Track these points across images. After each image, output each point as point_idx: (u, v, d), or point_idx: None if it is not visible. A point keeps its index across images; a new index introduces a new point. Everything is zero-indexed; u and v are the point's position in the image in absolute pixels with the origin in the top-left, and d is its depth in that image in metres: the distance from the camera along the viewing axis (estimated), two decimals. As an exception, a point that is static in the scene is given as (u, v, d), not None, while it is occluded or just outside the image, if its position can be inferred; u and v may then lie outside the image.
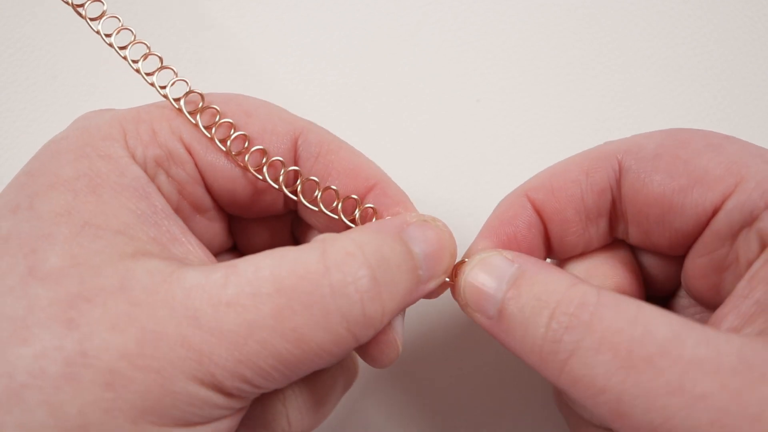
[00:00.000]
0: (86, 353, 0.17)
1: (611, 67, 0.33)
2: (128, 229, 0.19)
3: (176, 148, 0.21)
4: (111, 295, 0.17)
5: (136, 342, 0.17)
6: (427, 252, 0.20)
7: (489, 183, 0.32)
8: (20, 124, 0.32)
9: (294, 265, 0.18)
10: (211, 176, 0.22)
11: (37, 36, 0.33)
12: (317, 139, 0.22)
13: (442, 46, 0.33)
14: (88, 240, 0.18)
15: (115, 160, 0.20)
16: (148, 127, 0.21)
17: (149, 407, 0.17)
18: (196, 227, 0.23)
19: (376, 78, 0.33)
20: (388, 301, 0.19)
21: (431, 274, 0.20)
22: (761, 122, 0.33)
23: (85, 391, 0.16)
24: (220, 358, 0.17)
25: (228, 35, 0.33)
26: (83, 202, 0.19)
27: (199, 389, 0.17)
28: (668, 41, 0.33)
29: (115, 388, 0.17)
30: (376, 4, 0.34)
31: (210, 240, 0.23)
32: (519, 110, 0.33)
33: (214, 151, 0.22)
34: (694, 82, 0.33)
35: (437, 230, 0.21)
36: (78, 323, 0.17)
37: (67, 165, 0.19)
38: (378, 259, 0.19)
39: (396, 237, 0.20)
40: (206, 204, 0.23)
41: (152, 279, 0.18)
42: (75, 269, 0.18)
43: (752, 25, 0.34)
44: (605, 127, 0.33)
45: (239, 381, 0.18)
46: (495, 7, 0.34)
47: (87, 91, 0.33)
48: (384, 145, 0.33)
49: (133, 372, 0.17)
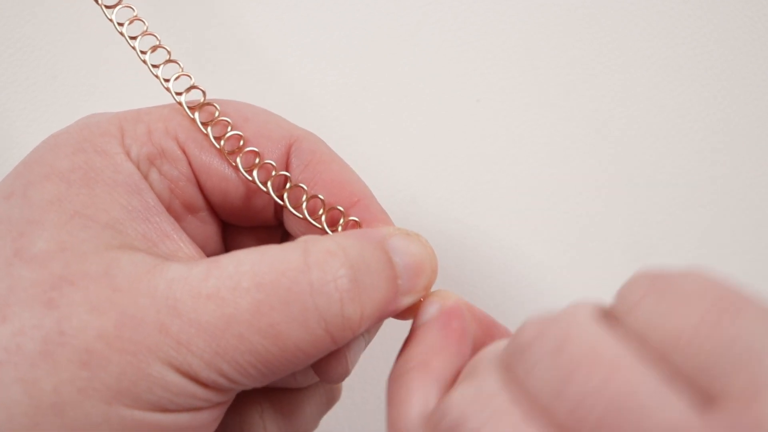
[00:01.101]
0: (64, 332, 0.17)
1: (611, 67, 0.33)
2: (117, 224, 0.19)
3: (170, 146, 0.22)
4: (94, 281, 0.17)
5: (115, 324, 0.17)
6: (408, 263, 0.20)
7: (489, 183, 0.32)
8: (20, 124, 0.32)
9: (275, 262, 0.18)
10: (204, 175, 0.22)
11: (37, 36, 0.33)
12: (310, 148, 0.23)
13: (442, 46, 0.33)
14: (77, 228, 0.18)
15: (110, 156, 0.20)
16: (145, 126, 0.21)
17: (124, 389, 0.17)
18: (188, 227, 0.23)
19: (376, 78, 0.33)
20: (367, 305, 0.19)
21: (410, 286, 0.20)
22: (761, 122, 0.33)
23: (60, 369, 0.17)
24: (197, 348, 0.17)
25: (228, 35, 0.33)
26: (75, 194, 0.19)
27: (175, 376, 0.17)
28: (668, 41, 0.33)
29: (91, 368, 0.17)
30: (376, 4, 0.34)
31: (202, 243, 0.24)
32: (519, 110, 0.33)
33: (209, 152, 0.22)
34: (694, 82, 0.33)
35: (420, 245, 0.21)
36: (58, 303, 0.17)
37: (64, 158, 0.20)
38: (359, 262, 0.19)
39: (378, 245, 0.20)
40: (198, 203, 0.23)
41: (136, 269, 0.18)
42: (61, 254, 0.18)
43: (752, 25, 0.34)
44: (605, 127, 0.33)
45: (216, 374, 0.18)
46: (495, 7, 0.34)
47: (87, 91, 0.33)
48: (384, 145, 0.33)
49: (109, 353, 0.17)
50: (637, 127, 0.33)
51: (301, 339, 0.18)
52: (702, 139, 0.33)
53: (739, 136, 0.33)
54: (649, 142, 0.33)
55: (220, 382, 0.18)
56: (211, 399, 0.18)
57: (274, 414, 0.23)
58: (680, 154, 0.33)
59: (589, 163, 0.33)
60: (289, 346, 0.18)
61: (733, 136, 0.33)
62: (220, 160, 0.22)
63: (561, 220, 0.32)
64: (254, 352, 0.18)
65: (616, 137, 0.33)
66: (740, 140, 0.33)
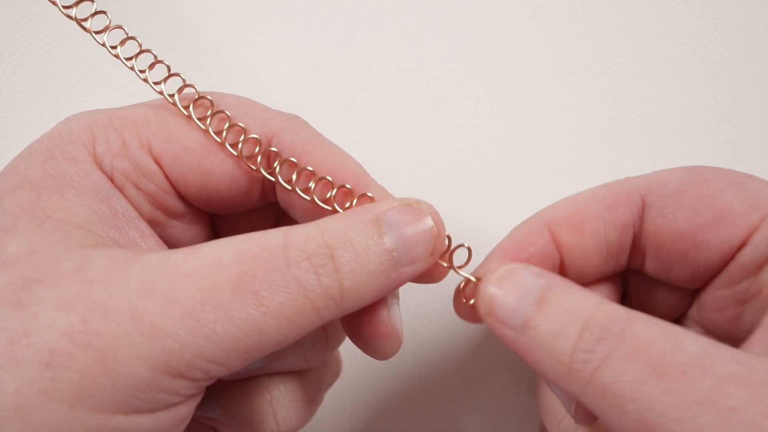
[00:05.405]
0: (29, 332, 0.17)
1: (611, 67, 0.33)
2: (89, 225, 0.19)
3: (145, 162, 0.21)
4: (65, 278, 0.17)
5: (82, 319, 0.17)
6: (402, 236, 0.20)
7: (489, 183, 0.32)
8: (20, 124, 0.32)
9: (257, 241, 0.18)
10: (183, 185, 0.22)
11: (37, 36, 0.33)
12: (290, 140, 0.22)
13: (442, 46, 0.33)
14: (49, 231, 0.18)
15: (80, 163, 0.20)
16: (118, 137, 0.21)
17: (88, 388, 0.17)
18: (175, 232, 0.23)
19: (376, 78, 0.33)
20: (347, 278, 0.19)
21: (410, 257, 0.20)
22: (761, 122, 0.33)
23: (23, 371, 0.16)
24: (172, 328, 0.17)
25: (228, 35, 0.33)
26: (46, 200, 0.19)
27: (144, 368, 0.17)
28: (668, 41, 0.33)
29: (53, 367, 0.16)
30: (375, 4, 0.34)
31: (191, 242, 0.24)
32: (519, 110, 0.33)
33: (183, 162, 0.22)
34: (694, 82, 0.33)
35: (418, 212, 0.20)
36: (26, 303, 0.17)
37: (35, 166, 0.20)
38: (340, 241, 0.19)
39: (367, 221, 0.20)
40: (180, 210, 0.23)
41: (110, 262, 0.18)
42: (32, 256, 0.18)
43: (752, 25, 0.34)
44: (605, 126, 0.33)
45: (191, 355, 0.17)
46: (495, 7, 0.34)
47: (87, 91, 0.33)
48: (384, 144, 0.33)
49: (74, 350, 0.16)
50: (637, 127, 0.33)
51: (283, 303, 0.18)
52: (702, 139, 0.33)
53: (739, 136, 0.33)
54: (649, 142, 0.33)
55: (195, 364, 0.17)
56: (182, 391, 0.18)
57: (283, 400, 0.23)
58: (680, 154, 0.33)
59: (588, 163, 0.33)
60: (272, 310, 0.18)
61: (733, 136, 0.33)
62: (196, 168, 0.22)
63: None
64: (235, 322, 0.17)
65: (616, 137, 0.33)
66: (740, 140, 0.33)
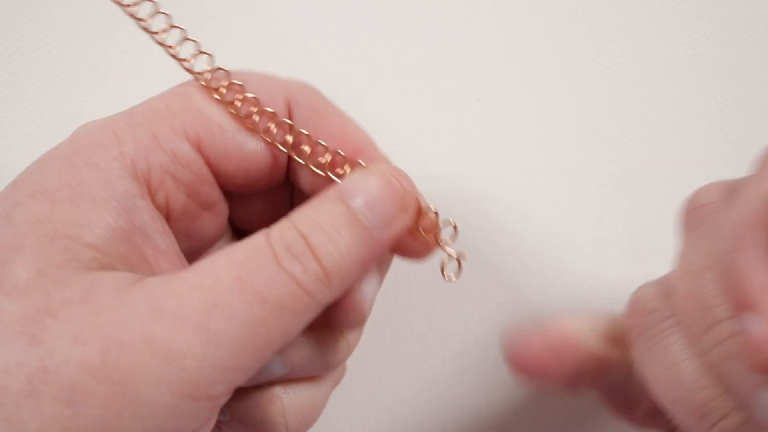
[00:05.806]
0: (47, 369, 0.16)
1: (611, 67, 0.33)
2: (100, 243, 0.19)
3: (182, 149, 0.21)
4: (75, 308, 0.17)
5: (99, 353, 0.17)
6: (367, 200, 0.20)
7: (489, 183, 0.32)
8: (20, 124, 0.32)
9: (244, 245, 0.19)
10: (223, 165, 0.22)
11: (37, 36, 0.33)
12: (307, 102, 0.23)
13: (442, 46, 0.33)
14: (57, 252, 0.18)
15: (103, 170, 0.20)
16: (146, 131, 0.21)
17: (109, 422, 0.17)
18: (203, 224, 0.23)
19: (376, 78, 0.33)
20: (326, 260, 0.19)
21: (381, 219, 0.20)
22: (761, 122, 0.33)
23: (44, 408, 0.16)
24: (188, 345, 0.17)
25: (227, 35, 0.33)
26: (59, 213, 0.19)
27: (165, 394, 0.17)
28: (668, 41, 0.34)
29: (74, 404, 0.16)
30: (375, 4, 0.34)
31: (214, 233, 0.24)
32: (519, 110, 0.33)
33: (222, 135, 0.22)
34: (694, 82, 0.33)
35: (376, 173, 0.21)
36: (41, 339, 0.17)
37: (52, 174, 0.19)
38: (309, 226, 0.19)
39: (331, 198, 0.20)
40: (215, 197, 0.23)
41: (117, 286, 0.18)
42: (41, 282, 0.18)
43: (752, 25, 0.34)
44: (605, 126, 0.33)
45: (210, 368, 0.17)
46: (495, 7, 0.34)
47: (87, 91, 0.33)
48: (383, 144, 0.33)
49: (94, 385, 0.17)
50: (637, 127, 0.33)
51: (281, 295, 0.18)
52: (702, 139, 0.33)
53: (739, 136, 0.33)
54: (649, 142, 0.33)
55: (214, 378, 0.17)
56: (201, 414, 0.18)
57: (295, 410, 0.23)
58: (680, 154, 0.33)
59: (588, 163, 0.33)
60: (273, 304, 0.18)
61: (733, 136, 0.33)
62: (233, 143, 0.22)
63: (561, 219, 0.32)
64: (243, 324, 0.18)
65: (616, 137, 0.33)
66: (740, 140, 0.33)
